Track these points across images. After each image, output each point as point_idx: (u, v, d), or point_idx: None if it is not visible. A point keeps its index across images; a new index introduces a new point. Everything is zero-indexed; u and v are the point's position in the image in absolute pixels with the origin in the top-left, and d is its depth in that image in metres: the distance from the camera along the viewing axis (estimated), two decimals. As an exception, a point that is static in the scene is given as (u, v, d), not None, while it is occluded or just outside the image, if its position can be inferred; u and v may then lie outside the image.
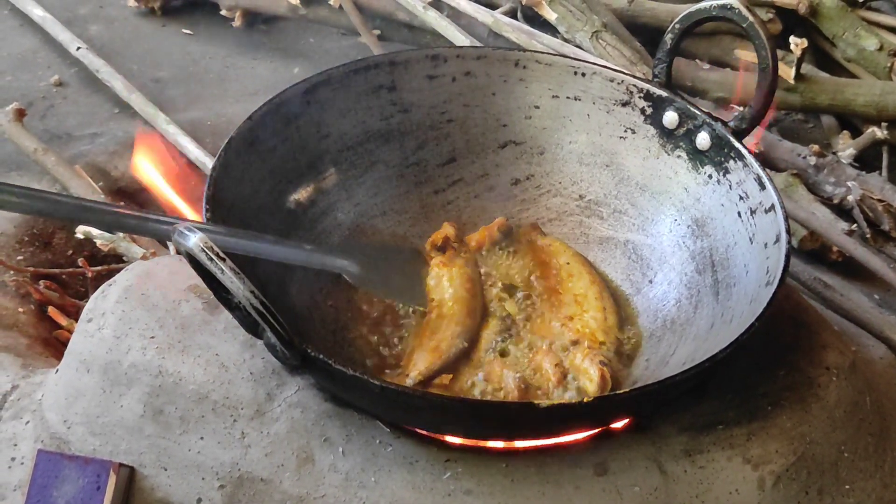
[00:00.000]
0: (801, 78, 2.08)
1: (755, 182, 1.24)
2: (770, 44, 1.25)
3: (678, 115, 1.35)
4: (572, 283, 1.33)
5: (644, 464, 1.09)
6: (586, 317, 1.28)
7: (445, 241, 1.35)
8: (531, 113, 1.44)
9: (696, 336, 1.21)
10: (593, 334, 1.26)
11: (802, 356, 1.24)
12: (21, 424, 1.22)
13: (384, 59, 1.41)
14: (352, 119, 1.38)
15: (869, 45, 2.17)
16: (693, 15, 1.32)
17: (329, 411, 1.11)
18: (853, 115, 2.16)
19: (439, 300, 1.29)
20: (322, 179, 1.36)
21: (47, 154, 1.79)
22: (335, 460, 1.08)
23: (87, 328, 1.22)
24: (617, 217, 1.41)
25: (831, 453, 1.16)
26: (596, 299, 1.30)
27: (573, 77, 1.41)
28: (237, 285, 0.93)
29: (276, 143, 1.30)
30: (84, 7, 2.56)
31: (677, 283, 1.31)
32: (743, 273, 1.21)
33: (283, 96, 1.31)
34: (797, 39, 1.99)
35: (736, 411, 1.15)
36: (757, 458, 1.11)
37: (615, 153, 1.42)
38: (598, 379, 1.18)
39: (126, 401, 1.15)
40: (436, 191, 1.44)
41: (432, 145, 1.44)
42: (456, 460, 1.08)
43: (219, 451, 1.10)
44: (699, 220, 1.32)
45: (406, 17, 2.28)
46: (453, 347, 1.23)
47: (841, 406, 1.20)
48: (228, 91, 2.26)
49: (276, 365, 1.14)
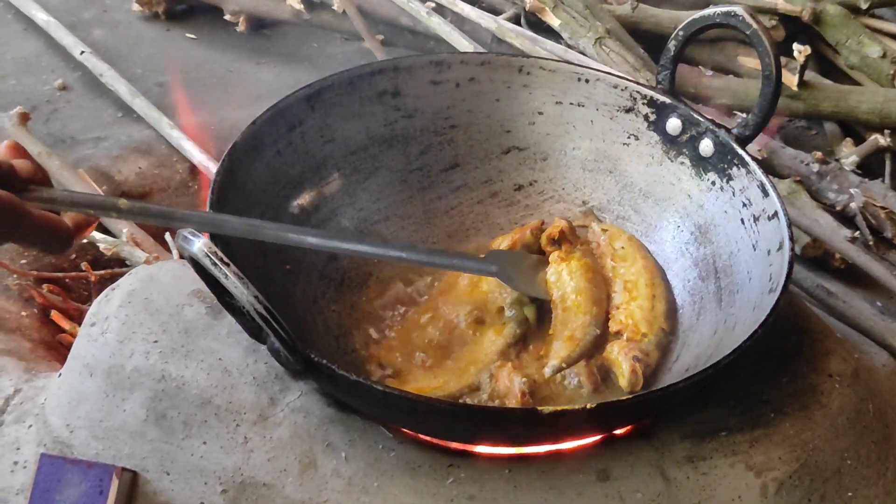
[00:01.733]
0: (804, 85, 2.08)
1: (758, 189, 1.24)
2: (774, 51, 1.25)
3: (681, 121, 1.35)
4: (624, 269, 1.32)
5: (647, 470, 1.09)
6: (633, 306, 1.27)
7: (561, 234, 1.33)
8: (535, 119, 1.44)
9: (698, 343, 1.21)
10: (636, 325, 1.24)
11: (805, 363, 1.24)
12: (24, 428, 1.22)
13: (388, 64, 1.41)
14: (355, 124, 1.38)
15: (872, 52, 2.17)
16: (697, 22, 1.32)
17: (332, 416, 1.11)
18: (856, 123, 2.16)
19: (562, 294, 1.28)
20: (326, 184, 1.36)
21: (51, 158, 1.79)
22: (338, 465, 1.08)
23: (91, 332, 1.22)
24: (620, 223, 1.41)
25: (834, 460, 1.16)
26: (646, 286, 1.29)
27: (577, 83, 1.42)
28: (241, 290, 0.93)
29: (280, 147, 1.30)
30: (88, 11, 2.56)
31: (680, 290, 1.31)
32: (746, 280, 1.21)
33: (286, 101, 1.31)
34: (800, 46, 1.99)
35: (739, 418, 1.15)
36: (760, 465, 1.11)
37: (618, 159, 1.42)
38: (629, 374, 1.17)
39: (129, 405, 1.15)
40: (439, 196, 1.44)
41: (436, 151, 1.44)
42: (459, 466, 1.08)
43: (221, 455, 1.10)
44: (702, 226, 1.32)
45: (409, 23, 2.28)
46: (588, 335, 1.23)
47: (844, 413, 1.20)
48: (232, 95, 2.26)
49: (279, 370, 1.15)
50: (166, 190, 1.86)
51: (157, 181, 1.86)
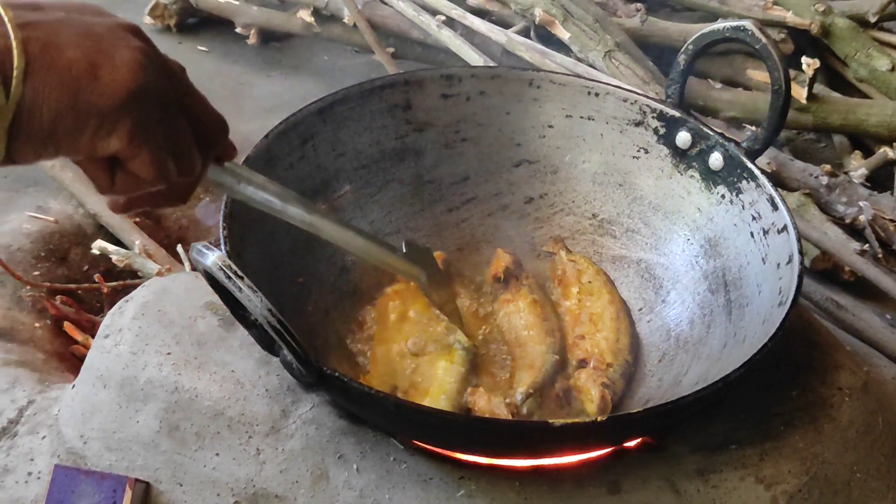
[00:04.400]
0: (813, 98, 2.08)
1: (768, 202, 1.24)
2: (783, 65, 1.25)
3: (691, 135, 1.36)
4: (590, 302, 1.33)
5: (657, 483, 1.09)
6: (598, 337, 1.29)
7: (506, 272, 1.35)
8: (545, 132, 1.45)
9: (708, 356, 1.22)
10: (602, 355, 1.26)
11: (815, 376, 1.24)
12: (38, 439, 1.23)
13: (399, 78, 1.42)
14: (367, 137, 1.39)
15: (881, 65, 2.18)
16: (706, 36, 1.32)
17: (344, 428, 1.12)
18: (865, 135, 2.16)
19: (516, 334, 1.29)
20: (337, 197, 1.37)
21: (64, 170, 1.80)
22: (350, 477, 1.08)
23: (104, 344, 1.23)
24: (630, 236, 1.41)
25: (844, 473, 1.16)
26: (612, 320, 1.30)
27: (587, 97, 1.42)
28: (255, 303, 0.93)
29: (293, 161, 1.31)
30: (100, 24, 2.58)
31: (690, 303, 1.31)
32: (756, 293, 1.21)
33: (299, 115, 1.32)
34: (809, 59, 2.00)
35: (748, 431, 1.15)
36: (770, 478, 1.11)
37: (628, 172, 1.43)
38: (598, 400, 1.18)
39: (142, 416, 1.15)
40: (449, 209, 1.45)
41: (446, 164, 1.45)
42: (470, 478, 1.08)
43: (234, 467, 1.11)
44: (712, 239, 1.33)
45: (420, 36, 2.29)
46: (547, 362, 1.24)
47: (853, 426, 1.20)
48: (243, 108, 2.27)
49: (291, 382, 1.15)
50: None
51: (168, 193, 1.87)
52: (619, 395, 1.23)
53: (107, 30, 0.71)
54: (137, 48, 0.72)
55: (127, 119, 0.71)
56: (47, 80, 0.66)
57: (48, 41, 0.67)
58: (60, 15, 0.70)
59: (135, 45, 0.72)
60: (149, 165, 0.73)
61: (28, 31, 0.66)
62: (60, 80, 0.67)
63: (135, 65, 0.71)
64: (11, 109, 0.65)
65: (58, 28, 0.68)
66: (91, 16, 0.72)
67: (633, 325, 1.34)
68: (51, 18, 0.69)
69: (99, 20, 0.72)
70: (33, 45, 0.66)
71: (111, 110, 0.69)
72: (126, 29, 0.73)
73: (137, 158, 0.73)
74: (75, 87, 0.68)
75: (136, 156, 0.73)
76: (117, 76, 0.70)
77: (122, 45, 0.71)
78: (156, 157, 0.74)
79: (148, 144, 0.72)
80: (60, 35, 0.68)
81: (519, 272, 1.36)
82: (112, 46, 0.70)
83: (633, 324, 1.34)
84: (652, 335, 1.33)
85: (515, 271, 1.36)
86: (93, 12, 0.73)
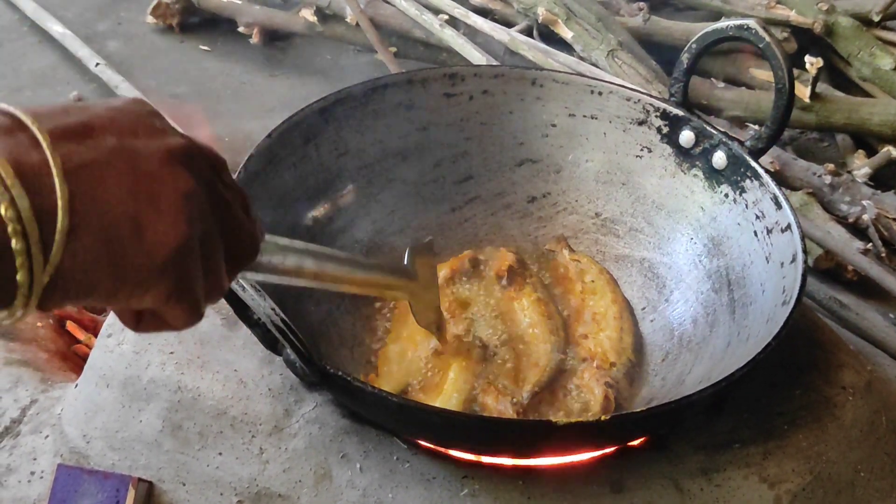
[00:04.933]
0: (816, 97, 2.08)
1: (771, 201, 1.24)
2: (786, 64, 1.25)
3: (694, 134, 1.36)
4: (593, 301, 1.33)
5: (660, 482, 1.09)
6: (601, 336, 1.29)
7: (510, 270, 1.34)
8: (548, 131, 1.45)
9: (712, 355, 1.22)
10: (605, 354, 1.26)
11: (818, 375, 1.24)
12: (40, 439, 1.23)
13: (402, 77, 1.42)
14: (369, 137, 1.39)
15: (884, 64, 2.18)
16: (710, 35, 1.32)
17: (347, 427, 1.12)
18: (868, 134, 2.16)
19: (520, 331, 1.29)
20: (340, 197, 1.37)
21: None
22: (353, 476, 1.08)
23: (107, 343, 1.23)
24: (633, 235, 1.41)
25: (847, 472, 1.16)
26: (615, 319, 1.30)
27: (590, 96, 1.42)
28: (258, 302, 0.93)
29: (295, 160, 1.31)
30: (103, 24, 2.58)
31: (693, 302, 1.31)
32: (759, 292, 1.21)
33: (301, 114, 1.32)
34: (812, 58, 2.00)
35: (752, 430, 1.15)
36: (773, 477, 1.11)
37: (631, 172, 1.43)
38: (601, 400, 1.18)
39: (145, 416, 1.15)
40: (453, 208, 1.45)
41: (449, 163, 1.45)
42: (473, 477, 1.08)
43: (237, 466, 1.11)
44: (715, 238, 1.32)
45: (422, 35, 2.29)
46: (552, 360, 1.24)
47: (857, 425, 1.20)
48: (246, 107, 2.27)
49: (294, 381, 1.15)
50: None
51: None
52: (623, 395, 1.23)
53: (157, 163, 0.64)
54: (186, 190, 0.65)
55: (166, 279, 0.65)
56: (90, 242, 0.60)
57: (96, 195, 0.60)
58: (111, 144, 0.62)
59: (184, 184, 0.65)
60: (180, 317, 0.68)
61: (76, 181, 0.59)
62: (104, 241, 0.61)
63: (181, 216, 0.64)
64: (49, 273, 0.58)
65: (107, 172, 0.61)
66: (144, 137, 0.65)
67: (637, 324, 1.34)
68: (101, 157, 0.62)
69: (151, 147, 0.65)
70: (80, 200, 0.59)
71: (152, 272, 0.63)
72: (178, 157, 0.66)
73: (170, 313, 0.68)
74: (119, 248, 0.61)
75: (169, 311, 0.67)
76: (162, 233, 0.63)
77: (171, 187, 0.64)
78: (189, 309, 0.68)
79: (183, 301, 0.67)
80: (108, 181, 0.61)
81: (523, 271, 1.36)
82: (160, 190, 0.63)
83: (636, 323, 1.34)
84: (655, 334, 1.33)
85: (519, 270, 1.36)
86: (146, 131, 0.65)
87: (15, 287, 0.57)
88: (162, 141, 0.65)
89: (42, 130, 0.59)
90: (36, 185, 0.57)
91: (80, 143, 0.60)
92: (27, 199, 0.56)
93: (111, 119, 0.63)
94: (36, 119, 0.60)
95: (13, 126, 0.59)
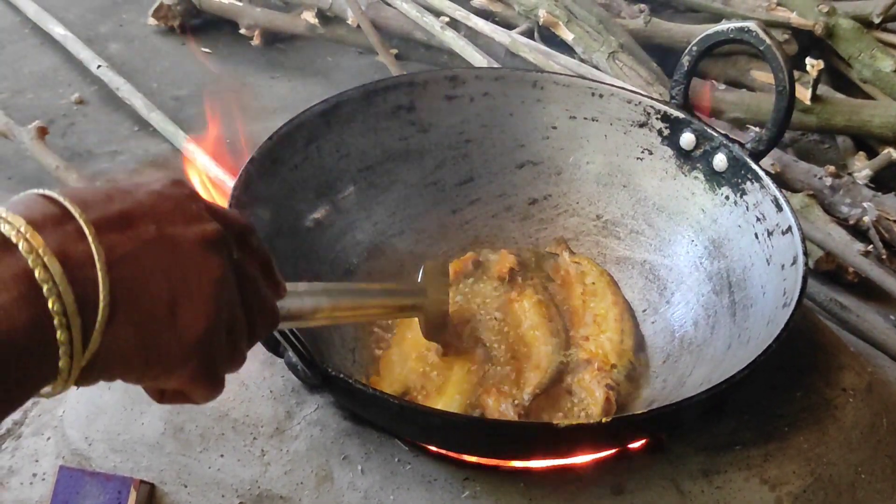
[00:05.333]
0: (817, 99, 2.08)
1: (772, 204, 1.24)
2: (787, 67, 1.25)
3: (695, 136, 1.36)
4: (594, 303, 1.33)
5: (661, 483, 1.09)
6: (602, 338, 1.29)
7: (511, 273, 1.35)
8: (549, 133, 1.45)
9: (712, 357, 1.22)
10: (606, 356, 1.26)
11: (819, 377, 1.24)
12: (42, 440, 1.23)
13: (403, 79, 1.42)
14: (371, 139, 1.39)
15: (885, 66, 2.18)
16: (710, 37, 1.32)
17: (348, 429, 1.12)
18: (869, 136, 2.16)
19: (521, 332, 1.28)
20: (341, 199, 1.37)
21: (69, 171, 1.80)
22: (354, 478, 1.08)
23: (109, 345, 1.23)
24: (634, 237, 1.42)
25: (848, 474, 1.16)
26: (615, 321, 1.30)
27: (590, 98, 1.42)
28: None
29: (297, 162, 1.31)
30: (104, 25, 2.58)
31: (694, 304, 1.31)
32: (760, 294, 1.21)
33: (303, 117, 1.32)
34: (813, 61, 2.00)
35: (753, 432, 1.15)
36: (774, 479, 1.11)
37: (632, 174, 1.43)
38: (602, 402, 1.18)
39: (147, 418, 1.16)
40: (454, 210, 1.45)
41: (450, 165, 1.45)
42: (474, 479, 1.08)
43: (238, 468, 1.11)
44: (716, 241, 1.33)
45: (424, 37, 2.29)
46: (553, 362, 1.24)
47: (858, 427, 1.20)
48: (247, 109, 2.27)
49: (296, 383, 1.15)
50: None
51: (173, 195, 1.87)
52: (624, 397, 1.23)
53: (193, 251, 0.66)
54: (218, 276, 0.67)
55: (193, 362, 0.67)
56: (127, 330, 0.62)
57: (135, 284, 0.62)
58: (152, 233, 0.64)
59: (216, 271, 0.67)
60: (203, 394, 0.71)
61: (117, 271, 0.61)
62: (139, 328, 0.63)
63: (211, 303, 0.67)
64: (87, 359, 0.61)
65: (146, 262, 0.63)
66: (182, 224, 0.66)
67: (638, 326, 1.34)
68: (141, 247, 0.63)
69: (188, 235, 0.66)
70: (120, 288, 0.61)
71: (180, 356, 0.66)
72: (211, 243, 0.68)
73: (193, 391, 0.70)
74: (152, 334, 0.64)
75: (192, 389, 0.70)
76: (192, 317, 0.65)
77: (205, 274, 0.66)
78: (211, 387, 0.71)
79: (207, 380, 0.70)
80: (147, 271, 0.63)
81: (524, 273, 1.36)
82: (194, 278, 0.66)
83: (637, 325, 1.34)
84: (656, 336, 1.33)
85: (520, 272, 1.36)
86: (183, 218, 0.67)
87: (56, 371, 0.59)
88: (198, 228, 0.67)
89: (87, 222, 0.61)
90: (80, 277, 0.59)
91: (122, 232, 0.62)
92: (72, 293, 0.58)
93: (151, 206, 0.65)
94: (82, 208, 0.62)
95: (61, 216, 0.61)
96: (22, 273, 0.57)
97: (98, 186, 0.66)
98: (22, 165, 1.91)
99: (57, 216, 0.61)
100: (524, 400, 1.18)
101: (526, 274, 1.37)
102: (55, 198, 0.62)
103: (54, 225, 0.60)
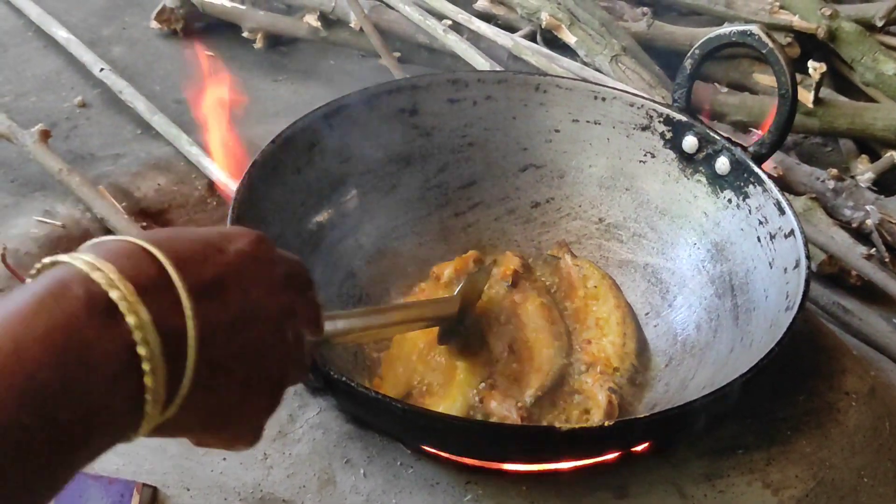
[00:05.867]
0: (819, 102, 2.08)
1: (775, 207, 1.24)
2: (790, 70, 1.25)
3: (698, 139, 1.36)
4: (596, 307, 1.33)
5: (664, 487, 1.09)
6: (604, 341, 1.29)
7: (515, 275, 1.34)
8: (551, 137, 1.45)
9: (715, 360, 1.22)
10: (608, 359, 1.26)
11: (821, 381, 1.24)
12: (45, 443, 1.23)
13: (406, 83, 1.42)
14: (373, 142, 1.39)
15: (888, 69, 2.17)
16: (713, 41, 1.32)
17: (350, 433, 1.12)
18: (872, 139, 2.16)
19: (524, 335, 1.28)
20: (344, 202, 1.37)
21: (71, 174, 1.80)
22: (356, 482, 1.08)
23: (112, 348, 1.23)
24: (636, 240, 1.42)
25: (851, 478, 1.16)
26: (618, 324, 1.30)
27: (593, 101, 1.42)
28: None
29: (300, 166, 1.31)
30: (107, 28, 2.58)
31: (697, 307, 1.31)
32: (762, 297, 1.21)
33: (305, 120, 1.32)
34: (816, 64, 2.00)
35: (755, 436, 1.15)
36: (777, 483, 1.11)
37: (635, 177, 1.43)
38: (605, 405, 1.18)
39: (149, 421, 1.15)
40: (456, 213, 1.45)
41: (453, 168, 1.45)
42: (476, 482, 1.08)
43: (241, 471, 1.11)
44: (719, 244, 1.33)
45: (426, 40, 2.29)
46: (555, 365, 1.24)
47: (860, 431, 1.20)
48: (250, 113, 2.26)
49: (298, 386, 1.15)
50: (185, 206, 1.87)
51: (175, 198, 1.87)
52: (626, 400, 1.23)
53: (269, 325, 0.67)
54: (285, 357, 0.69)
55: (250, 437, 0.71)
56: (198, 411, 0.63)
57: (216, 367, 0.62)
58: (238, 304, 0.64)
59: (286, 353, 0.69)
60: (243, 448, 0.72)
61: (203, 347, 0.61)
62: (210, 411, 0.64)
63: (278, 388, 0.69)
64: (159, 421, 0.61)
65: (232, 343, 0.63)
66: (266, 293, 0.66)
67: (640, 329, 1.34)
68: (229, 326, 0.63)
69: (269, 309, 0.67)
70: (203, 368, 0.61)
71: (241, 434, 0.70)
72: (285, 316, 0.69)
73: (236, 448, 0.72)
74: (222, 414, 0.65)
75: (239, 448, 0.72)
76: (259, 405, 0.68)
77: (277, 354, 0.68)
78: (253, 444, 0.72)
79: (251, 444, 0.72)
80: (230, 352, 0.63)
81: (528, 275, 1.36)
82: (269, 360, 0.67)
83: (639, 328, 1.34)
84: (658, 340, 1.33)
85: (524, 274, 1.35)
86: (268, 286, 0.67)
87: (132, 433, 0.60)
88: (277, 300, 0.67)
89: (187, 292, 0.60)
90: (174, 353, 0.59)
91: (212, 300, 0.62)
92: (165, 370, 0.59)
93: (239, 273, 0.65)
94: (178, 268, 0.60)
95: (160, 280, 0.60)
96: (123, 347, 0.57)
97: (187, 236, 0.65)
98: (25, 168, 1.91)
99: (156, 280, 0.60)
100: (527, 402, 1.18)
101: (530, 276, 1.37)
102: (150, 251, 0.61)
103: (155, 291, 0.59)
